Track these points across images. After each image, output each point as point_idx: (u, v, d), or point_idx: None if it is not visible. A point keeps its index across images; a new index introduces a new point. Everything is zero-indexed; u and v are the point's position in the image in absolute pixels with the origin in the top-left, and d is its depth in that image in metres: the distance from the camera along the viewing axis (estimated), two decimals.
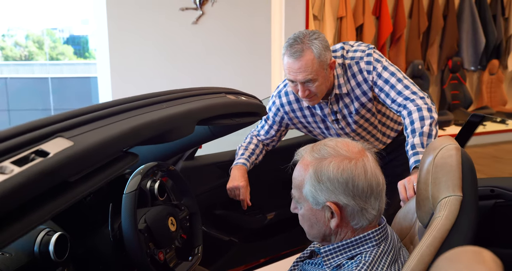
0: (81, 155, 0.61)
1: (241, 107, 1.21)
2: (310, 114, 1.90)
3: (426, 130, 1.56)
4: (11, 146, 0.56)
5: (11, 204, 0.50)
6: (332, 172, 1.02)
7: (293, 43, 1.65)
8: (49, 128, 0.62)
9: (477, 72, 5.99)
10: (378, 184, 1.04)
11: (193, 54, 4.14)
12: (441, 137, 1.15)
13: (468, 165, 1.06)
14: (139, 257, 1.24)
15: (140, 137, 0.75)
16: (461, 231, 1.02)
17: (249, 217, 2.13)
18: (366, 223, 1.05)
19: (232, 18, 4.19)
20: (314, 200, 1.04)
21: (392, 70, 1.73)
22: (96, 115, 0.71)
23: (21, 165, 0.55)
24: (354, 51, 1.78)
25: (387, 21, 5.14)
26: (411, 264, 1.02)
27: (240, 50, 4.27)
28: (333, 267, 1.08)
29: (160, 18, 3.99)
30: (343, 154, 1.04)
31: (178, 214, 1.45)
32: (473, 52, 5.71)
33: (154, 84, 4.07)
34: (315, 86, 1.68)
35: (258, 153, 2.00)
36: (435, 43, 5.49)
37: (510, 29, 5.95)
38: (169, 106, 0.89)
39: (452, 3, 5.54)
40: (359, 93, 1.79)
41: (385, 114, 1.93)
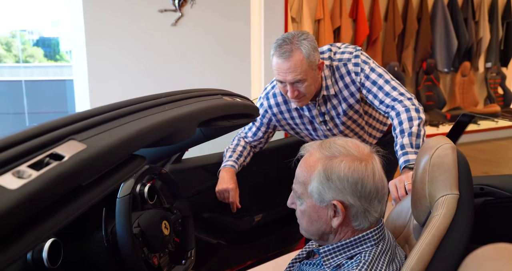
0: (95, 158, 0.60)
1: (237, 108, 1.20)
2: (298, 115, 1.91)
3: (414, 130, 1.59)
4: (25, 149, 0.54)
5: (32, 209, 0.49)
6: (343, 171, 1.01)
7: (282, 43, 1.66)
8: (61, 131, 0.61)
9: (450, 74, 6.14)
10: (383, 187, 1.05)
11: (173, 56, 4.10)
12: (436, 136, 1.18)
13: (463, 164, 1.09)
14: (135, 262, 1.22)
15: (149, 139, 0.74)
16: (459, 229, 1.04)
17: (237, 219, 2.13)
18: (367, 225, 1.06)
19: (211, 20, 4.17)
20: (320, 197, 1.04)
21: (379, 71, 1.75)
22: (105, 117, 0.69)
23: (38, 168, 0.53)
24: (342, 53, 1.80)
25: (364, 24, 5.21)
26: (410, 263, 1.03)
27: (219, 52, 4.26)
28: (333, 267, 1.08)
29: (138, 20, 3.94)
30: (354, 154, 1.04)
31: (171, 217, 1.44)
32: (446, 55, 5.86)
33: (133, 86, 4.01)
34: (304, 87, 1.69)
35: (246, 154, 1.99)
36: (410, 46, 5.61)
37: (480, 32, 6.12)
38: (171, 108, 0.88)
39: (425, 6, 5.67)
40: (347, 94, 1.80)
41: (371, 115, 1.95)
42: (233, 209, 1.90)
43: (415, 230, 1.22)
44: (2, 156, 0.51)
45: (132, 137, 0.69)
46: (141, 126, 0.72)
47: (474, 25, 6.07)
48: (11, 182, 0.49)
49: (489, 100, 6.45)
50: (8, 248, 0.46)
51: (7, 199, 0.46)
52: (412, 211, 1.20)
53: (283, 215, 2.26)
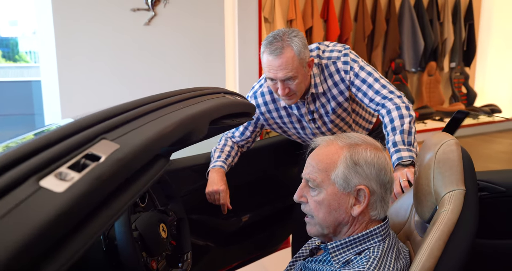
0: (130, 158, 0.57)
1: (240, 107, 1.18)
2: (287, 114, 1.90)
3: (406, 128, 1.61)
4: (61, 150, 0.51)
5: (80, 213, 0.45)
6: (370, 157, 1.05)
7: (272, 40, 1.64)
8: (92, 130, 0.57)
9: (417, 73, 6.30)
10: (392, 180, 1.09)
11: (146, 56, 4.02)
12: (437, 133, 1.19)
13: (467, 160, 1.10)
14: (135, 267, 1.18)
15: (172, 138, 0.71)
16: (466, 224, 1.05)
17: (224, 220, 2.10)
18: (382, 215, 1.08)
19: (185, 19, 4.12)
20: (345, 183, 1.04)
21: (368, 70, 1.76)
22: (130, 115, 0.66)
23: (78, 170, 0.50)
24: (331, 51, 1.80)
25: (335, 24, 5.27)
26: (421, 258, 1.04)
27: (193, 52, 4.21)
28: (342, 263, 1.08)
29: (110, 19, 3.84)
30: (375, 144, 1.09)
31: (167, 220, 1.40)
32: (413, 55, 6.01)
33: (105, 87, 3.91)
34: (295, 84, 1.68)
35: (233, 155, 1.97)
36: (379, 46, 5.71)
37: (445, 33, 6.31)
38: (185, 106, 0.85)
39: (393, 7, 5.79)
40: (336, 92, 1.81)
41: (358, 113, 1.97)
42: (224, 211, 1.87)
43: (418, 226, 1.23)
44: (42, 157, 0.48)
45: (158, 136, 0.66)
46: (165, 125, 0.70)
47: (439, 26, 6.26)
48: (56, 185, 0.46)
49: (454, 99, 6.66)
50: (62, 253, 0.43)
51: (57, 203, 0.43)
52: (415, 208, 1.21)
53: (270, 215, 2.25)
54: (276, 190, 2.31)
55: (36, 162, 0.47)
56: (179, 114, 0.79)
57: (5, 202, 0.41)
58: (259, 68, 4.58)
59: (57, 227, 0.42)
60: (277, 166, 2.33)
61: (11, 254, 0.36)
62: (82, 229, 0.46)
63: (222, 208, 1.85)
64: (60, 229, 0.42)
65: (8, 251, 0.36)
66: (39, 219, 0.40)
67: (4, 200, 0.42)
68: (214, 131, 1.42)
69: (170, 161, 0.71)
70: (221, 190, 1.82)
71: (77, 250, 0.44)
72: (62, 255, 0.42)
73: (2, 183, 0.43)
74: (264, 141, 2.39)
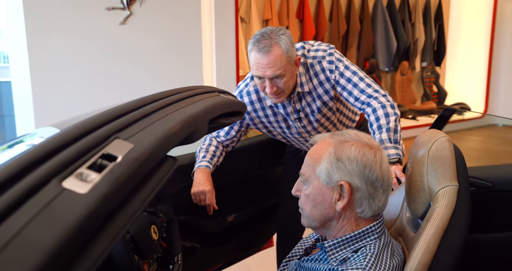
0: (145, 158, 0.55)
1: (233, 106, 1.17)
2: (272, 113, 1.90)
3: (392, 126, 1.63)
4: (78, 150, 0.49)
5: (104, 214, 0.44)
6: (353, 153, 1.04)
7: (260, 38, 1.64)
8: (105, 129, 0.55)
9: (390, 73, 6.42)
10: (388, 179, 1.07)
11: (121, 56, 3.95)
12: (429, 130, 1.21)
13: (459, 156, 1.13)
14: (129, 270, 1.16)
15: (179, 137, 0.70)
16: (460, 218, 1.07)
17: (210, 221, 2.08)
18: (370, 213, 1.07)
19: (161, 19, 4.07)
20: (328, 178, 1.06)
21: (353, 69, 1.78)
22: (139, 114, 0.64)
23: (97, 170, 0.48)
24: (316, 51, 1.81)
25: (310, 24, 5.31)
26: (418, 254, 1.05)
27: (170, 51, 4.16)
28: (339, 261, 1.08)
29: (84, 18, 3.75)
30: (365, 141, 1.08)
31: (157, 221, 1.38)
32: (386, 54, 6.11)
33: (80, 87, 3.82)
34: (283, 82, 1.68)
35: (218, 154, 1.96)
36: (354, 46, 5.79)
37: (416, 33, 6.45)
38: (187, 105, 0.84)
39: (367, 8, 5.88)
40: (321, 92, 1.82)
41: (343, 112, 1.98)
42: (210, 212, 1.85)
43: (410, 222, 1.24)
44: (61, 158, 0.46)
45: (168, 135, 0.64)
46: (172, 124, 0.68)
47: (411, 27, 6.39)
48: (79, 186, 0.44)
49: (426, 98, 6.81)
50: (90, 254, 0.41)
51: (84, 205, 0.41)
52: (408, 204, 1.23)
53: (255, 214, 2.25)
54: (261, 190, 2.31)
55: (56, 163, 0.45)
56: (182, 113, 0.78)
57: (31, 204, 0.39)
58: (236, 68, 4.56)
59: (86, 228, 0.40)
60: (261, 166, 2.33)
61: (46, 259, 0.34)
62: (105, 230, 0.45)
63: (208, 208, 1.84)
64: (88, 231, 0.41)
65: (44, 255, 0.34)
66: (69, 221, 0.38)
67: (30, 202, 0.40)
68: (209, 130, 1.41)
69: (177, 160, 0.70)
70: (207, 191, 1.80)
71: (102, 251, 0.43)
72: (90, 256, 0.41)
73: (26, 185, 0.41)
74: (248, 140, 2.38)
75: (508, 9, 7.02)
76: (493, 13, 6.98)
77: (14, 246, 0.34)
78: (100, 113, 0.60)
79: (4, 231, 0.36)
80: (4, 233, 0.36)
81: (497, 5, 6.95)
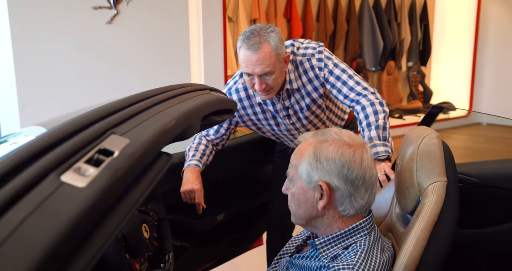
0: (141, 153, 0.55)
1: (225, 104, 1.18)
2: (261, 110, 1.91)
3: (381, 123, 1.65)
4: (75, 145, 0.49)
5: (103, 209, 0.44)
6: (331, 153, 1.05)
7: (250, 35, 1.65)
8: (100, 125, 0.55)
9: (377, 72, 6.47)
10: (371, 176, 1.07)
11: (109, 55, 3.92)
12: (418, 127, 1.23)
13: (448, 152, 1.14)
14: (120, 269, 1.15)
15: (173, 133, 0.70)
16: (449, 213, 1.09)
17: (200, 220, 2.08)
18: (353, 212, 1.08)
19: (148, 18, 4.05)
20: (308, 178, 1.07)
21: (342, 67, 1.80)
22: (134, 110, 0.64)
23: (95, 165, 0.48)
24: (305, 48, 1.82)
25: (297, 24, 5.33)
26: (408, 248, 1.06)
27: (158, 51, 4.14)
28: (330, 257, 1.09)
29: (71, 17, 3.72)
30: (345, 140, 1.08)
31: (148, 220, 1.37)
32: (373, 54, 6.16)
33: (67, 87, 3.78)
34: (272, 79, 1.69)
35: (208, 153, 1.96)
36: (341, 46, 5.82)
37: (402, 33, 6.51)
38: (180, 102, 0.84)
39: (353, 8, 5.92)
40: (310, 89, 1.83)
41: (332, 110, 2.00)
42: (199, 210, 1.85)
43: (400, 218, 1.26)
44: (58, 153, 0.46)
45: (163, 131, 0.64)
46: (167, 120, 0.69)
47: (397, 27, 6.45)
48: (77, 180, 0.44)
49: (412, 97, 6.88)
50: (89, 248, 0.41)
51: (83, 198, 0.41)
52: (398, 200, 1.24)
53: (245, 213, 2.25)
54: (250, 188, 2.31)
55: (54, 157, 0.45)
56: (176, 109, 0.78)
57: (30, 198, 0.39)
58: (224, 68, 4.56)
59: (86, 222, 0.40)
60: (251, 164, 2.33)
61: (46, 252, 0.34)
62: (104, 224, 0.45)
63: (197, 207, 1.84)
64: (88, 224, 0.41)
65: (44, 248, 0.34)
66: (68, 214, 0.38)
67: (29, 196, 0.40)
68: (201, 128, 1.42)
69: (171, 157, 0.70)
70: (196, 189, 1.80)
71: (102, 245, 0.43)
72: (89, 250, 0.41)
73: (24, 179, 0.40)
74: (237, 139, 2.38)
75: (491, 10, 7.12)
76: (477, 13, 7.07)
77: (13, 241, 0.34)
78: (95, 109, 0.60)
79: (2, 226, 0.36)
80: (3, 228, 0.35)
81: (481, 6, 7.06)
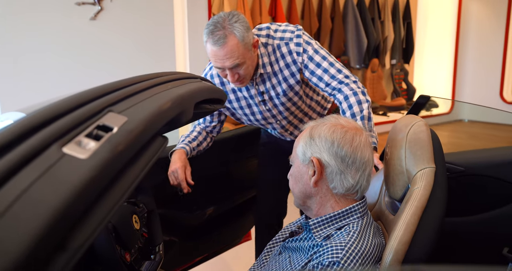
0: (139, 131, 0.55)
1: (216, 93, 1.18)
2: (236, 98, 1.88)
3: (366, 114, 1.64)
4: (73, 120, 0.49)
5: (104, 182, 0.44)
6: (323, 131, 1.12)
7: (214, 29, 1.60)
8: (98, 102, 0.55)
9: (361, 70, 6.53)
10: (362, 158, 1.11)
11: (93, 51, 3.88)
12: (406, 116, 1.24)
13: (436, 139, 1.16)
14: (112, 260, 1.15)
15: (170, 115, 0.70)
16: (438, 198, 1.11)
17: (189, 214, 2.08)
18: (342, 190, 1.11)
19: (133, 14, 4.02)
20: (303, 156, 1.14)
21: (323, 54, 1.73)
22: (131, 90, 0.64)
23: (95, 139, 0.48)
24: (283, 31, 1.76)
25: (282, 21, 5.34)
26: (398, 234, 1.08)
27: (142, 47, 4.11)
28: (323, 237, 1.11)
29: (54, 13, 3.67)
30: (340, 122, 1.14)
31: (138, 211, 1.37)
32: (357, 52, 6.20)
33: (49, 84, 3.73)
34: (243, 70, 1.66)
35: (201, 139, 1.94)
36: (325, 43, 5.86)
37: (386, 31, 6.58)
38: (173, 87, 0.84)
39: (338, 6, 5.96)
40: (287, 74, 1.78)
41: (313, 98, 1.94)
42: (184, 188, 1.77)
43: (389, 206, 1.28)
44: (58, 126, 0.46)
45: (159, 111, 0.65)
46: (163, 101, 0.69)
47: (380, 25, 6.51)
48: (79, 152, 0.44)
49: (396, 94, 6.96)
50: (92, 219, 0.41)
51: (86, 169, 0.41)
52: (387, 188, 1.26)
53: (233, 207, 2.25)
54: (238, 183, 2.32)
55: (55, 129, 0.45)
56: (171, 93, 0.78)
57: (34, 166, 0.39)
58: None
59: (90, 191, 0.40)
60: (239, 159, 2.33)
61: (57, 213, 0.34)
62: (105, 198, 0.45)
63: (181, 185, 1.76)
64: (91, 194, 0.41)
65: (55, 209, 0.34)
66: (74, 182, 0.38)
67: (33, 164, 0.39)
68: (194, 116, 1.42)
69: (167, 140, 0.70)
70: (178, 167, 1.76)
71: (103, 218, 0.43)
72: (93, 220, 0.41)
73: (27, 148, 0.40)
74: (225, 133, 2.39)
75: (472, 9, 7.25)
76: (458, 12, 7.19)
77: (22, 202, 0.34)
78: (91, 88, 0.59)
79: (10, 189, 0.36)
80: (11, 191, 0.35)
81: (462, 5, 7.17)
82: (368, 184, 1.14)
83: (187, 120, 0.87)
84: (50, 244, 0.34)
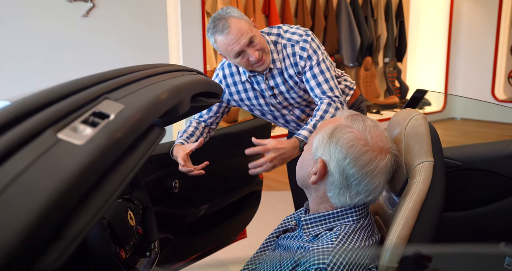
0: (137, 118, 0.54)
1: (213, 87, 1.16)
2: (251, 88, 1.91)
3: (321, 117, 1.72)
4: (69, 106, 0.47)
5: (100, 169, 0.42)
6: (344, 139, 1.03)
7: (216, 24, 1.69)
8: (93, 90, 0.53)
9: (355, 68, 6.53)
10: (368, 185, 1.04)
11: (85, 48, 3.85)
12: (404, 109, 1.23)
13: (434, 133, 1.15)
14: (107, 256, 1.13)
15: (167, 105, 0.69)
16: (436, 192, 1.10)
17: (183, 212, 2.06)
18: (339, 204, 1.07)
19: (125, 11, 3.99)
20: (315, 149, 1.08)
21: (323, 67, 1.78)
22: (127, 79, 0.62)
23: (91, 125, 0.46)
24: (292, 33, 1.82)
25: (276, 20, 5.34)
26: (397, 228, 1.07)
27: (135, 45, 4.08)
28: (312, 236, 1.08)
29: (45, 10, 3.63)
30: (366, 138, 1.04)
31: (133, 208, 1.35)
32: (350, 50, 6.21)
33: (41, 81, 3.69)
34: (259, 43, 1.71)
35: (198, 134, 1.94)
36: None
37: (379, 29, 6.59)
38: (169, 78, 0.83)
39: (331, 4, 5.96)
40: (292, 73, 1.84)
41: None
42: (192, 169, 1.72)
43: (387, 200, 1.27)
44: (54, 110, 0.44)
45: (156, 100, 0.63)
46: (160, 91, 0.67)
47: (373, 23, 6.52)
48: (75, 137, 0.42)
49: (389, 93, 6.97)
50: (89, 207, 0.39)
51: (81, 155, 0.39)
52: None
53: (228, 205, 2.24)
54: (234, 180, 2.30)
55: (49, 114, 0.43)
56: (168, 83, 0.76)
57: (28, 150, 0.37)
58: (204, 63, 4.53)
59: (86, 177, 0.38)
60: (234, 156, 2.32)
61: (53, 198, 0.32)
62: (102, 186, 0.43)
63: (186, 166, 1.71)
64: (88, 181, 0.39)
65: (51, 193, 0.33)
66: (69, 168, 0.36)
67: (27, 149, 0.38)
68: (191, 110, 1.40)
69: (165, 130, 0.68)
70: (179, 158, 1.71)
71: (100, 207, 0.41)
72: (89, 209, 0.39)
73: (21, 132, 0.38)
74: (221, 130, 2.37)
75: (463, 8, 7.28)
76: (450, 11, 7.22)
77: (17, 185, 0.33)
78: (86, 76, 0.58)
79: (4, 172, 0.34)
80: (5, 174, 0.33)
81: (454, 4, 7.20)
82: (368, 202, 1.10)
83: (183, 113, 0.86)
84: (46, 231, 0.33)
